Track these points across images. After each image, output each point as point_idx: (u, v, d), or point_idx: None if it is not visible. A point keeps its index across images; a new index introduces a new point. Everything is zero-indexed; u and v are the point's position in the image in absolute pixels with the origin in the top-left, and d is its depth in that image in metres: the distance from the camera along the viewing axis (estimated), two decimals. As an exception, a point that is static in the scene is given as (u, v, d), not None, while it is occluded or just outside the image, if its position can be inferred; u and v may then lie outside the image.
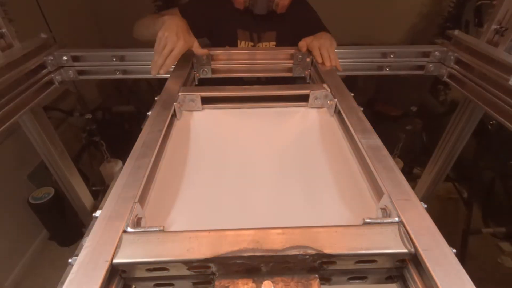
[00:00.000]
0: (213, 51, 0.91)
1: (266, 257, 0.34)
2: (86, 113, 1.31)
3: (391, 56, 0.97)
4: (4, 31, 0.80)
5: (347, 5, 2.58)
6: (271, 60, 0.94)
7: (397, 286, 0.40)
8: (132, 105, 2.26)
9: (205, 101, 0.70)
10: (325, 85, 0.71)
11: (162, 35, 0.71)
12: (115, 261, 0.33)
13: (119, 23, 1.44)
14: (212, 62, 0.92)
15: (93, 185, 1.42)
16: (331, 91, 0.68)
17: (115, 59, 0.95)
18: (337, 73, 0.79)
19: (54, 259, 1.72)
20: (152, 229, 0.36)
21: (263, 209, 0.47)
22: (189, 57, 0.86)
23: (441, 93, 2.32)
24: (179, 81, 0.73)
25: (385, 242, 0.35)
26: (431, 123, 1.86)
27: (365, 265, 0.36)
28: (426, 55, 0.98)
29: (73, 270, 0.32)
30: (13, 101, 0.77)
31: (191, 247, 0.34)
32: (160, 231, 0.36)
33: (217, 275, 0.36)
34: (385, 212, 0.41)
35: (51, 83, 0.94)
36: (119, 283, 0.35)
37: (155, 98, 0.67)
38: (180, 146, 0.60)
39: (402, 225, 0.37)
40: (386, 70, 0.99)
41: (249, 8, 0.98)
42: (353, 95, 0.67)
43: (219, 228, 0.37)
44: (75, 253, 0.34)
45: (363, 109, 0.61)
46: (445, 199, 1.90)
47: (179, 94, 0.68)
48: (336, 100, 0.65)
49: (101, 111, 2.20)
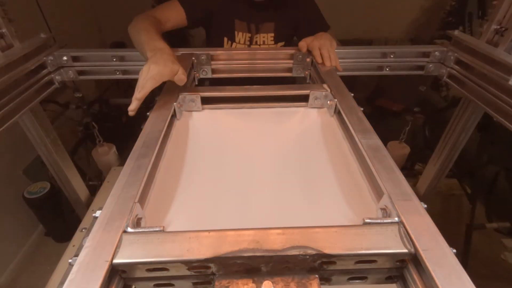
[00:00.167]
0: (213, 51, 0.91)
1: (266, 257, 0.34)
2: (83, 106, 1.27)
3: (391, 56, 0.97)
4: (4, 31, 0.80)
5: (349, 0, 2.57)
6: (271, 60, 0.94)
7: (397, 286, 0.40)
8: (130, 98, 2.23)
9: (205, 101, 0.70)
10: (325, 85, 0.71)
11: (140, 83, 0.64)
12: (115, 261, 0.33)
13: (119, 22, 1.43)
14: (212, 62, 0.92)
15: (89, 179, 1.40)
16: (331, 91, 0.68)
17: (115, 59, 0.95)
18: (337, 73, 0.79)
19: (50, 255, 1.70)
20: (152, 229, 0.37)
21: (263, 209, 0.47)
22: (189, 57, 0.86)
23: (443, 88, 2.31)
24: (179, 81, 0.73)
25: (385, 242, 0.35)
26: (433, 118, 1.85)
27: (365, 265, 0.36)
28: (426, 55, 0.98)
29: (73, 270, 0.32)
30: (13, 101, 0.77)
31: (191, 247, 0.34)
32: (160, 231, 0.36)
33: (217, 275, 0.36)
34: (385, 212, 0.41)
35: (51, 83, 0.94)
36: (119, 283, 0.35)
37: (155, 98, 0.67)
38: (180, 146, 0.60)
39: (402, 225, 0.37)
40: (386, 70, 0.99)
41: None
42: (353, 95, 0.67)
43: (219, 228, 0.37)
44: (75, 253, 0.34)
45: (362, 109, 0.61)
46: (448, 195, 1.88)
47: (179, 94, 0.68)
48: (336, 100, 0.65)
49: (98, 104, 2.16)
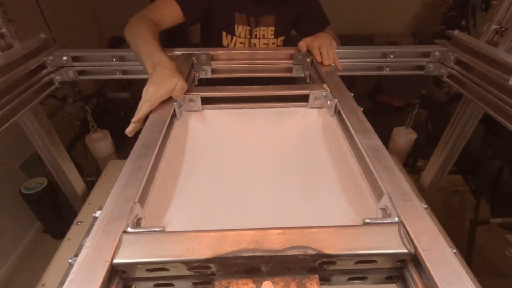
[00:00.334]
0: (213, 51, 0.91)
1: (266, 257, 0.34)
2: (80, 100, 1.26)
3: (391, 56, 0.97)
4: (4, 31, 0.80)
5: (350, -6, 2.57)
6: (271, 60, 0.94)
7: (397, 286, 0.40)
8: (128, 92, 2.19)
9: (205, 101, 0.70)
10: (325, 85, 0.71)
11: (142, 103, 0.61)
12: (115, 261, 0.33)
13: (117, 17, 1.41)
14: (212, 62, 0.92)
15: (87, 175, 1.39)
16: (331, 91, 0.68)
17: (115, 59, 0.95)
18: (337, 73, 0.79)
19: (48, 252, 1.67)
20: (152, 229, 0.37)
21: (263, 209, 0.47)
22: (189, 57, 0.86)
23: (445, 84, 2.30)
24: (179, 81, 0.73)
25: (385, 242, 0.35)
26: (436, 113, 1.83)
27: (365, 265, 0.36)
28: (426, 55, 0.98)
29: (73, 270, 0.32)
30: (13, 101, 0.78)
31: (191, 247, 0.34)
32: (160, 231, 0.36)
33: (217, 275, 0.36)
34: (385, 212, 0.41)
35: (51, 83, 0.94)
36: (119, 283, 0.35)
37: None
38: (180, 146, 0.60)
39: (402, 225, 0.37)
40: (386, 70, 0.99)
41: None
42: (353, 95, 0.67)
43: (219, 228, 0.37)
44: (75, 253, 0.34)
45: (362, 109, 0.61)
46: (450, 191, 1.86)
47: (179, 94, 0.68)
48: (336, 100, 0.65)
49: (96, 98, 2.13)
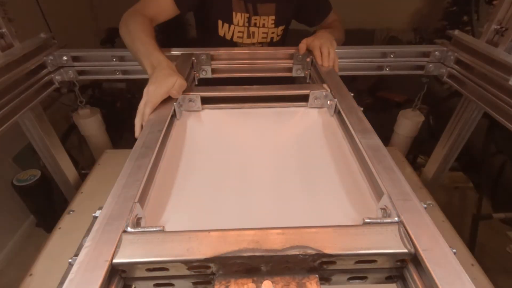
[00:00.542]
0: (213, 51, 0.91)
1: (266, 257, 0.34)
2: (74, 90, 1.24)
3: (391, 56, 0.97)
4: (4, 31, 0.80)
5: (351, -11, 2.56)
6: (271, 60, 0.94)
7: (397, 286, 0.40)
8: (124, 83, 2.16)
9: (205, 101, 0.70)
10: (325, 85, 0.71)
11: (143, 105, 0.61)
12: (115, 261, 0.33)
13: (113, 9, 1.39)
14: (212, 62, 0.92)
15: (82, 168, 1.37)
16: (331, 91, 0.68)
17: (115, 59, 0.95)
18: (338, 73, 0.79)
19: (40, 246, 1.68)
20: (152, 229, 0.37)
21: (263, 209, 0.47)
22: (189, 57, 0.86)
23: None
24: (179, 81, 0.73)
25: (385, 242, 0.35)
26: (437, 108, 1.82)
27: (365, 265, 0.36)
28: (426, 55, 0.98)
29: (73, 270, 0.32)
30: (13, 101, 0.78)
31: (191, 247, 0.34)
32: (160, 231, 0.36)
33: (217, 275, 0.36)
34: (385, 212, 0.41)
35: (51, 83, 0.94)
36: (119, 283, 0.35)
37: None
38: (180, 146, 0.60)
39: (402, 225, 0.37)
40: (386, 70, 0.99)
41: None
42: (353, 94, 0.67)
43: (219, 228, 0.37)
44: (75, 253, 0.34)
45: (362, 109, 0.61)
46: (451, 188, 1.86)
47: (179, 94, 0.68)
48: (336, 100, 0.65)
49: (91, 89, 2.09)
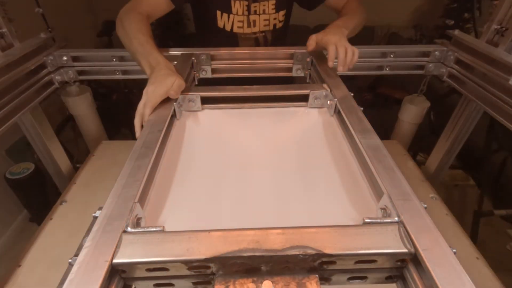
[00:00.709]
0: (213, 51, 0.91)
1: (266, 257, 0.34)
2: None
3: (391, 56, 0.97)
4: (4, 31, 0.80)
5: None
6: (270, 60, 0.94)
7: (397, 286, 0.40)
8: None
9: (205, 101, 0.70)
10: (325, 85, 0.71)
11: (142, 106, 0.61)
12: (115, 261, 0.33)
13: (112, 4, 1.38)
14: (212, 62, 0.92)
15: (77, 162, 1.36)
16: (331, 91, 0.68)
17: (115, 59, 0.95)
18: (337, 73, 0.79)
19: (31, 237, 1.65)
20: (152, 229, 0.37)
21: (263, 209, 0.47)
22: (188, 57, 0.86)
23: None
24: (179, 81, 0.73)
25: (385, 242, 0.35)
26: (438, 103, 1.82)
27: (365, 265, 0.36)
28: (426, 54, 0.98)
29: (73, 270, 0.32)
30: (13, 101, 0.78)
31: (191, 247, 0.34)
32: (160, 231, 0.36)
33: (217, 275, 0.36)
34: (385, 212, 0.41)
35: (51, 83, 0.94)
36: (119, 283, 0.35)
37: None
38: (180, 146, 0.60)
39: (402, 225, 0.37)
40: (386, 69, 0.99)
41: None
42: (353, 94, 0.67)
43: (219, 228, 0.37)
44: (75, 253, 0.34)
45: (362, 108, 0.61)
46: (451, 186, 1.85)
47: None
48: (336, 100, 0.65)
49: (87, 81, 2.10)
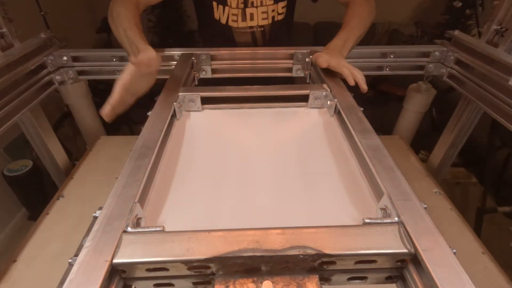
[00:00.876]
0: (214, 51, 0.91)
1: (266, 257, 0.34)
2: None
3: (391, 56, 0.97)
4: (4, 31, 0.80)
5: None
6: (270, 60, 0.94)
7: (397, 286, 0.39)
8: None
9: (205, 101, 0.70)
10: (325, 85, 0.71)
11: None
12: (115, 261, 0.33)
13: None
14: (212, 62, 0.92)
15: (75, 159, 1.37)
16: (331, 91, 0.68)
17: (115, 59, 0.95)
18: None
19: (27, 232, 1.64)
20: (152, 229, 0.36)
21: (263, 209, 0.47)
22: (188, 57, 0.86)
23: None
24: (178, 81, 0.73)
25: (385, 242, 0.35)
26: (439, 100, 1.83)
27: (365, 265, 0.36)
28: (426, 55, 0.98)
29: (73, 270, 0.32)
30: (13, 101, 0.78)
31: (190, 247, 0.34)
32: (160, 231, 0.36)
33: (217, 275, 0.36)
34: (385, 212, 0.41)
35: (51, 83, 0.94)
36: (119, 283, 0.35)
37: (155, 98, 0.67)
38: (180, 146, 0.60)
39: (402, 225, 0.37)
40: (386, 70, 0.99)
41: None
42: (353, 95, 0.67)
43: (219, 228, 0.37)
44: (75, 253, 0.34)
45: (360, 108, 0.61)
46: (453, 184, 1.85)
47: (179, 94, 0.68)
48: (336, 100, 0.65)
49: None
